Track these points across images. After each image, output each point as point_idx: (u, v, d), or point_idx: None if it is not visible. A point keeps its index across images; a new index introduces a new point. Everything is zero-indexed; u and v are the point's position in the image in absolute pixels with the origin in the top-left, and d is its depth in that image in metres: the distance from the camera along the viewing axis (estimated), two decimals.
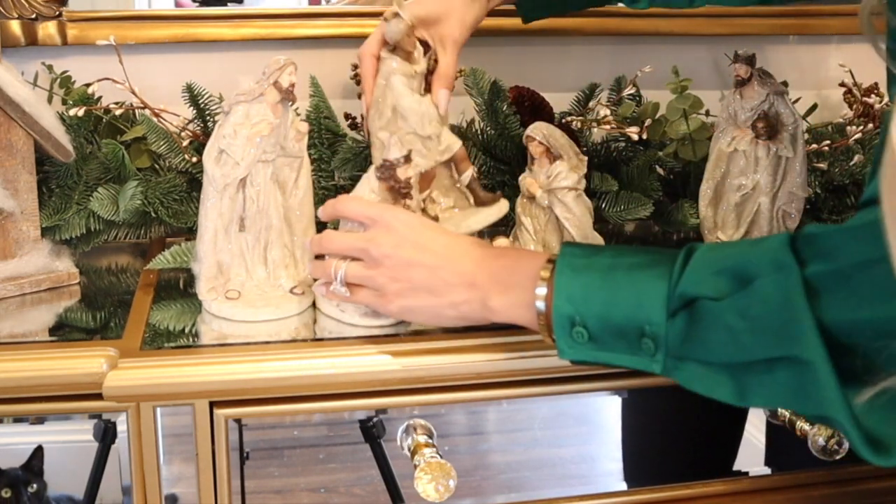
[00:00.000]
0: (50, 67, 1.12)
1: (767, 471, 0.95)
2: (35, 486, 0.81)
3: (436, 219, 0.94)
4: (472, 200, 0.99)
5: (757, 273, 0.62)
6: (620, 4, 1.10)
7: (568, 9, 0.97)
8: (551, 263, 0.71)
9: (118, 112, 1.07)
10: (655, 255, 0.69)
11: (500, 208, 0.97)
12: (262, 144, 0.89)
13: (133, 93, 1.06)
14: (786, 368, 0.61)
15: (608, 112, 1.18)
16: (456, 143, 0.97)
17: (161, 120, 1.08)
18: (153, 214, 1.06)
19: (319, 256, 0.86)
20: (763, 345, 0.61)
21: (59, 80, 1.10)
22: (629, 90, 1.22)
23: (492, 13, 1.18)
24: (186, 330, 0.87)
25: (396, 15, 0.91)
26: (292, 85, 0.89)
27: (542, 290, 0.71)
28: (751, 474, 0.94)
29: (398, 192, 0.85)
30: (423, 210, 0.93)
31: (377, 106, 0.94)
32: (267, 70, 0.89)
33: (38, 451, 0.81)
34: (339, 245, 0.81)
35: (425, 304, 0.77)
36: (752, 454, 0.94)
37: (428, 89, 0.95)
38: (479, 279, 0.75)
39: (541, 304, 0.71)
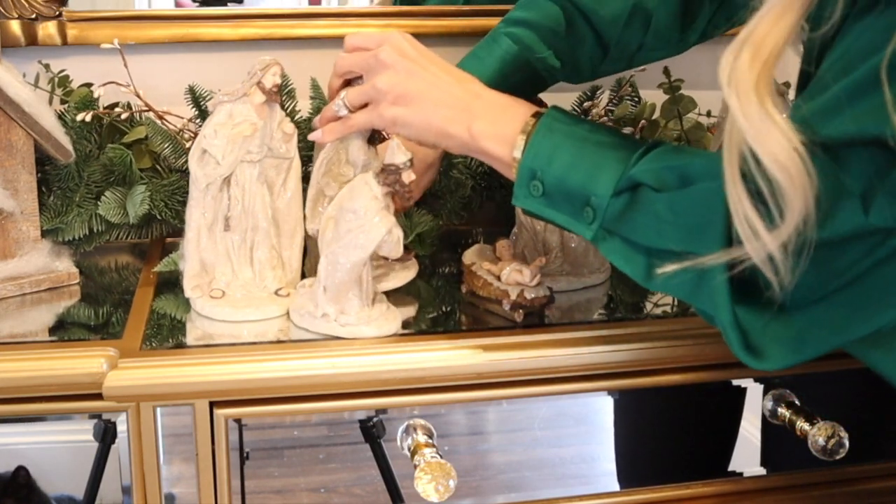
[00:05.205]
0: (47, 66, 1.12)
1: (763, 471, 0.95)
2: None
3: None
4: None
5: (698, 178, 0.67)
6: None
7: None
8: (536, 118, 0.78)
9: (124, 116, 1.06)
10: (626, 140, 0.75)
11: (413, 271, 1.00)
12: (244, 144, 0.88)
13: (138, 96, 1.05)
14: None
15: (601, 112, 1.18)
16: None
17: (165, 122, 1.08)
18: (159, 217, 1.06)
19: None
20: (678, 238, 0.67)
21: (56, 80, 1.10)
22: (626, 91, 1.22)
23: (490, 13, 1.19)
24: (181, 329, 0.87)
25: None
26: (276, 86, 0.89)
27: (521, 138, 0.77)
28: (747, 474, 0.94)
29: (402, 196, 0.84)
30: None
31: (328, 161, 0.93)
32: (251, 70, 0.89)
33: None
34: (349, 60, 0.87)
35: (416, 115, 0.82)
36: (748, 454, 0.94)
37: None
38: (474, 106, 0.80)
39: (517, 152, 0.77)
